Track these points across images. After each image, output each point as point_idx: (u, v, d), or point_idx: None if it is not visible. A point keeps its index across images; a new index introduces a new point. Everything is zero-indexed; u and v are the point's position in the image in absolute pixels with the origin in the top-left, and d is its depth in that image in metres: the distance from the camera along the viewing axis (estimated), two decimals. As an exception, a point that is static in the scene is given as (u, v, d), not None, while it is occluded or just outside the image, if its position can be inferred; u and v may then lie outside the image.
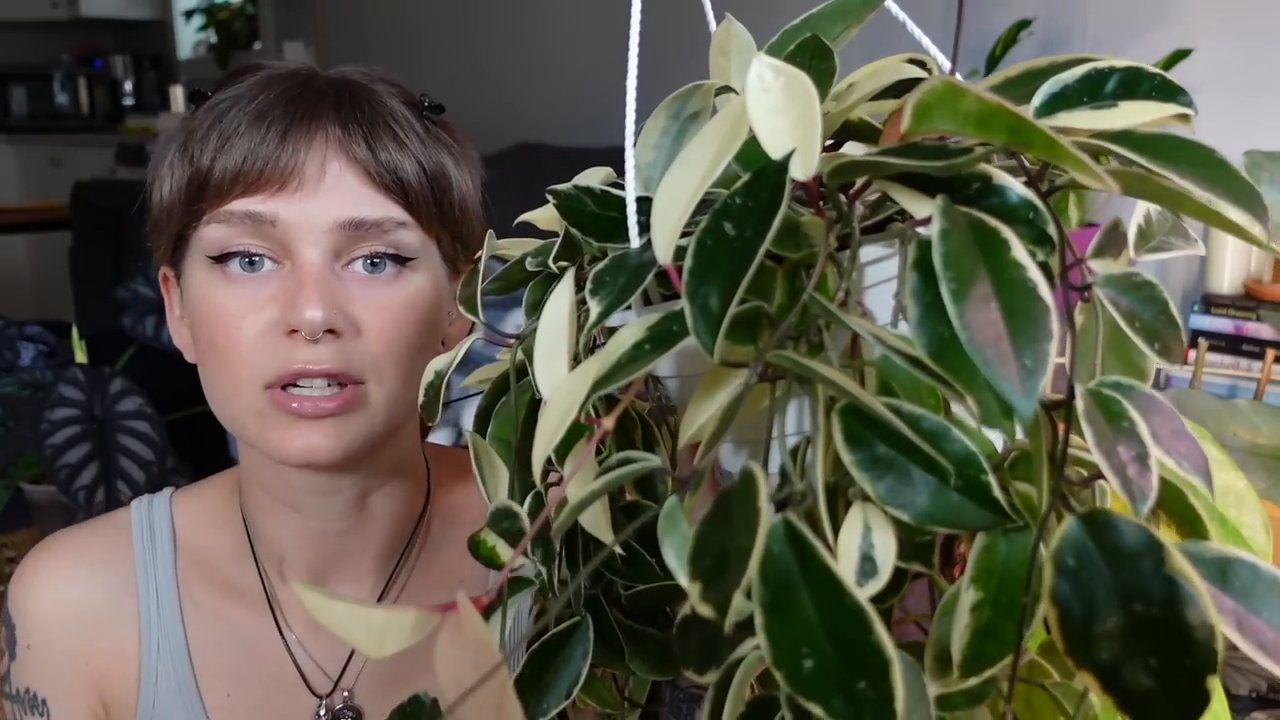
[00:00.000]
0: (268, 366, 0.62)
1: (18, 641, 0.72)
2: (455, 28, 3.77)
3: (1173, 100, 0.36)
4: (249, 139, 0.61)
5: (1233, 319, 1.77)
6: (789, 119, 0.33)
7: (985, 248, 0.31)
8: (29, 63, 5.87)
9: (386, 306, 0.64)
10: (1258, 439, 0.75)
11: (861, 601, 0.28)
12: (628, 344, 0.35)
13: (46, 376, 1.57)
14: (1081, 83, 0.36)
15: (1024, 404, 0.28)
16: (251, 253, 0.62)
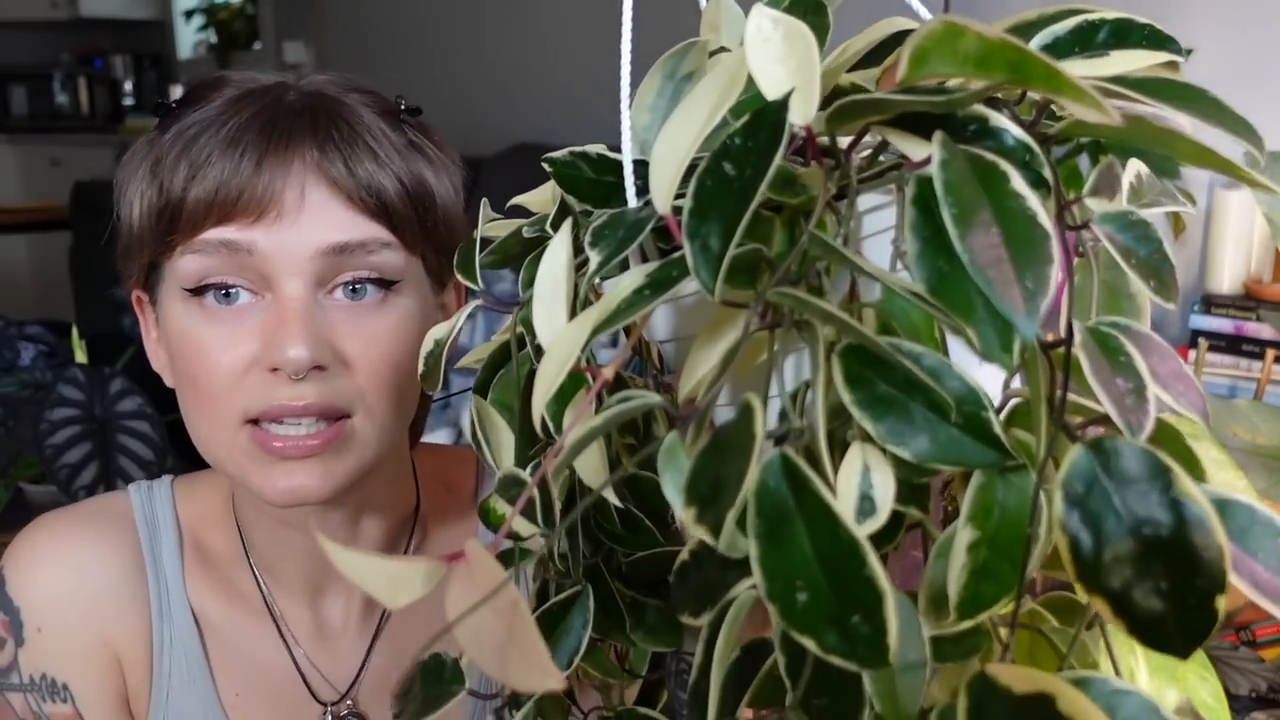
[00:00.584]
0: (249, 403, 0.59)
1: (25, 625, 0.68)
2: (455, 27, 3.77)
3: (1163, 48, 0.36)
4: (221, 166, 0.58)
5: (1233, 319, 1.77)
6: (789, 67, 0.34)
7: (985, 180, 0.31)
8: (29, 63, 5.87)
9: (373, 336, 0.61)
10: (1258, 439, 0.75)
11: (855, 534, 0.28)
12: (627, 290, 0.35)
13: (46, 376, 1.57)
14: (1073, 34, 0.36)
15: (1026, 325, 0.29)
16: (228, 284, 0.60)
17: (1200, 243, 1.94)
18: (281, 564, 0.71)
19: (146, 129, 0.66)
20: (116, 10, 5.68)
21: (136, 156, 0.64)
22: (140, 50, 6.04)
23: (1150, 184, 0.44)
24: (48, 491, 1.48)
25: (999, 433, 0.31)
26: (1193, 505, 0.28)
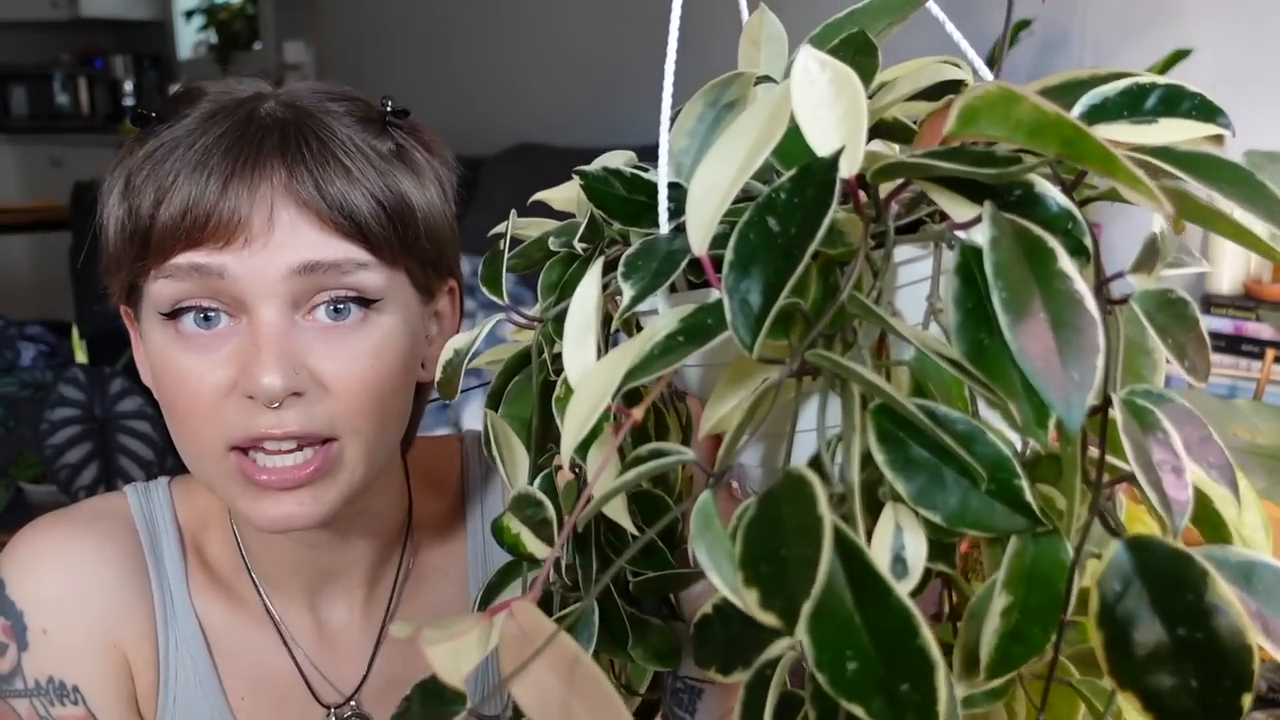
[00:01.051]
0: (230, 430, 0.58)
1: (29, 628, 0.66)
2: (455, 28, 3.77)
3: (1212, 120, 0.35)
4: (187, 190, 0.57)
5: (1233, 319, 1.77)
6: (835, 114, 0.33)
7: (1032, 257, 0.31)
8: (29, 63, 5.87)
9: (353, 358, 0.59)
10: (1258, 439, 0.75)
11: (907, 604, 0.28)
12: (661, 335, 0.34)
13: (46, 376, 1.57)
14: (1123, 96, 0.36)
15: (1073, 417, 0.29)
16: (205, 308, 0.58)
17: (1200, 243, 1.94)
18: (279, 572, 0.71)
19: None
20: (116, 10, 5.68)
21: (114, 172, 0.63)
22: (140, 50, 6.03)
23: (1171, 242, 0.44)
24: (48, 491, 1.48)
25: (1030, 500, 0.31)
26: (1227, 610, 0.28)
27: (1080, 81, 0.37)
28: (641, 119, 3.04)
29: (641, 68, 3.25)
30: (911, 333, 0.32)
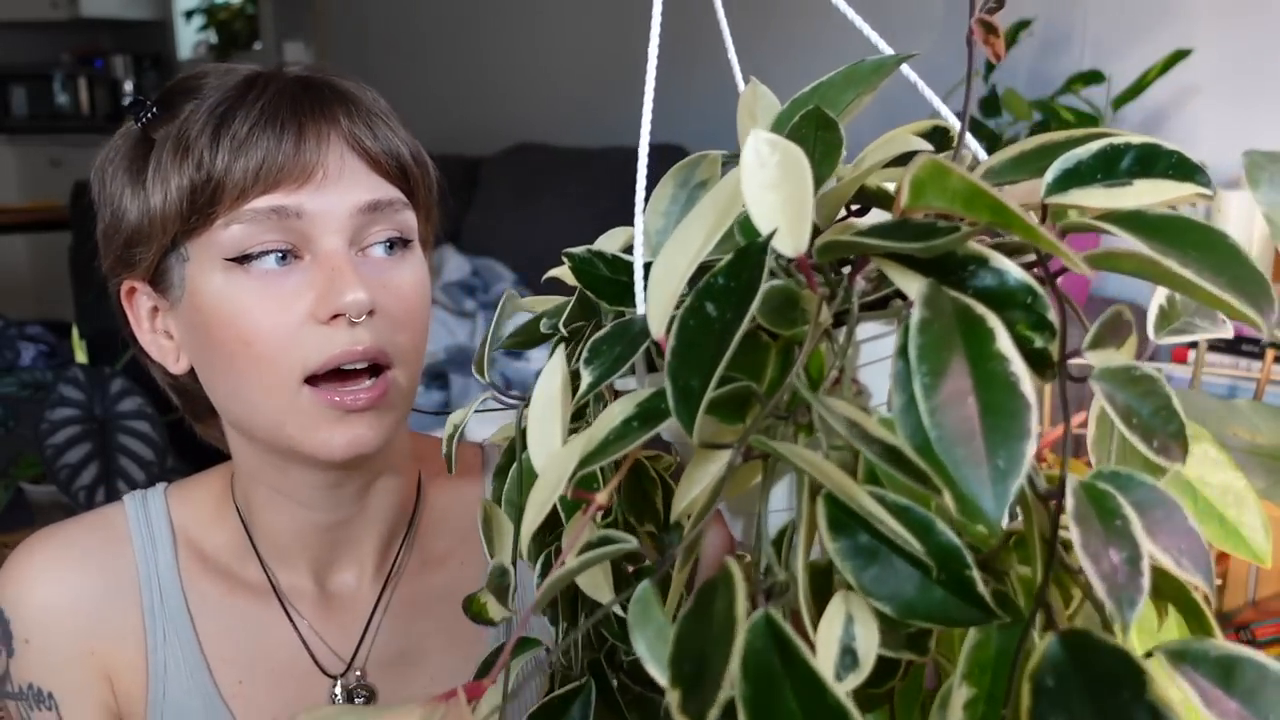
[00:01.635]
0: (310, 356, 0.62)
1: (14, 636, 0.71)
2: (455, 28, 3.77)
3: (1190, 180, 0.35)
4: (266, 139, 0.62)
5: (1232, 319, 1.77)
6: (782, 195, 0.33)
7: (969, 337, 0.30)
8: (29, 63, 5.87)
9: (402, 287, 0.66)
10: (1258, 439, 0.75)
11: (843, 700, 0.28)
12: (617, 420, 0.35)
13: (46, 376, 1.57)
14: (1096, 159, 0.35)
15: (994, 508, 0.27)
16: (282, 249, 0.63)
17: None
18: (291, 543, 0.73)
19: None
20: (116, 10, 5.68)
21: (120, 155, 0.68)
22: (140, 50, 6.03)
23: (1184, 306, 0.42)
24: (48, 491, 1.48)
25: (983, 592, 0.30)
26: (1165, 711, 0.27)
27: (1056, 144, 0.36)
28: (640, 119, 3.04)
29: (642, 68, 3.24)
30: (852, 415, 0.32)
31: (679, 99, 3.09)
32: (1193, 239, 0.33)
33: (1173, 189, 0.34)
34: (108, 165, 0.68)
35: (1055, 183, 0.35)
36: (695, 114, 2.94)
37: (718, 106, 3.00)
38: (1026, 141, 0.37)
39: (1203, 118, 1.92)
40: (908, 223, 0.33)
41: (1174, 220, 0.33)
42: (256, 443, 0.69)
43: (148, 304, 0.69)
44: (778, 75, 0.49)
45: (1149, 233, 0.33)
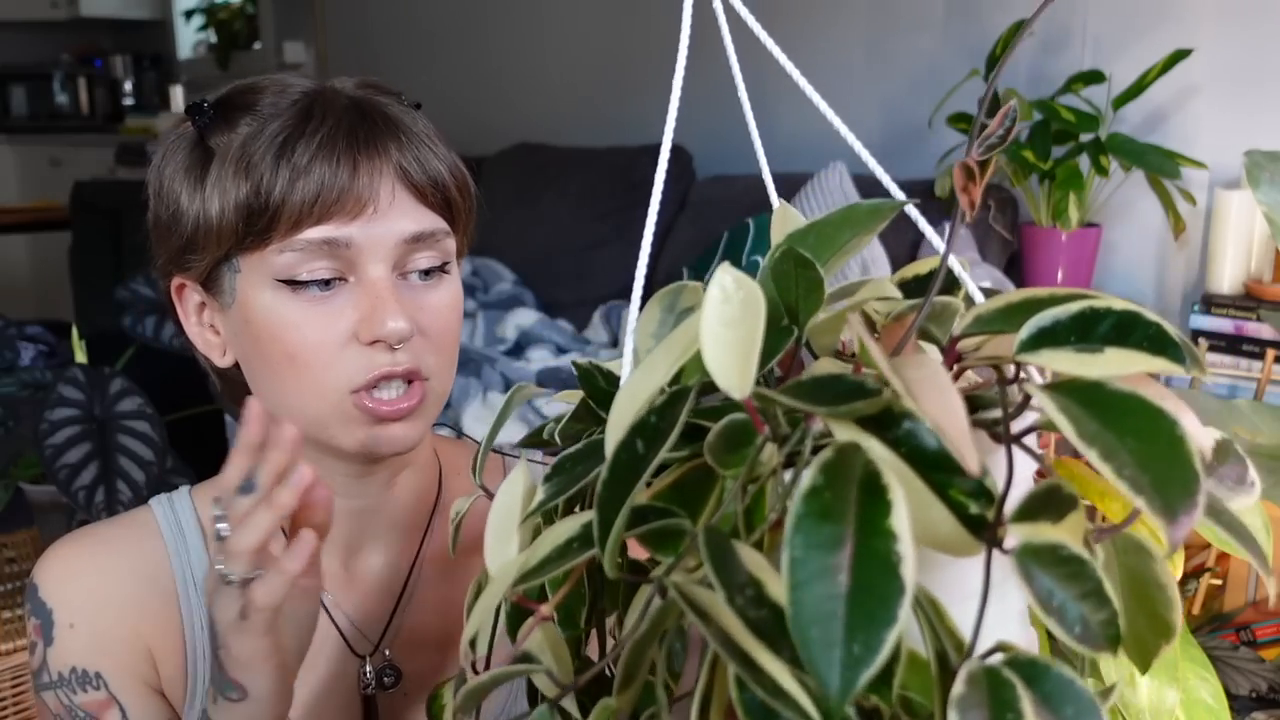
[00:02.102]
0: (353, 374, 0.67)
1: (56, 625, 0.73)
2: (455, 28, 3.76)
3: (1163, 354, 0.33)
4: (321, 171, 0.66)
5: (1233, 319, 1.77)
6: (738, 334, 0.33)
7: (865, 507, 0.29)
8: (29, 63, 5.86)
9: (439, 310, 0.71)
10: (1258, 439, 0.75)
11: None
12: (562, 538, 0.36)
13: (46, 376, 1.57)
14: (1075, 320, 0.34)
15: (838, 694, 0.26)
16: (327, 279, 0.67)
17: (1200, 243, 1.94)
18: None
19: (147, 129, 0.68)
20: (116, 10, 5.68)
21: (178, 155, 0.70)
22: (140, 50, 6.03)
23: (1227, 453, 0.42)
24: (47, 491, 1.48)
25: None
26: None
27: (1039, 300, 0.35)
28: (642, 119, 3.04)
29: (642, 68, 3.25)
30: (747, 571, 0.31)
31: (679, 99, 3.08)
32: (1137, 425, 0.31)
33: (1143, 362, 0.33)
34: (165, 163, 0.71)
35: (1028, 340, 0.34)
36: (695, 114, 2.94)
37: (718, 106, 3.00)
38: (1014, 294, 0.36)
39: (1203, 118, 1.92)
40: (839, 379, 0.33)
41: (1128, 400, 0.31)
42: None
43: (196, 299, 0.73)
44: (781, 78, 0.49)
45: (1097, 408, 0.31)
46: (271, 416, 0.59)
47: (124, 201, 3.30)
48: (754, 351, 0.33)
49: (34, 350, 1.81)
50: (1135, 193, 1.96)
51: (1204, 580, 1.31)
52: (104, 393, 1.47)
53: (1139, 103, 1.89)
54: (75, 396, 1.45)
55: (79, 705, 0.72)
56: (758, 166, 0.55)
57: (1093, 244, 1.94)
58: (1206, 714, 0.56)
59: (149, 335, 1.64)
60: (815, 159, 2.49)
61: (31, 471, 1.50)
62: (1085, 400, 0.31)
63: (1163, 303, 2.02)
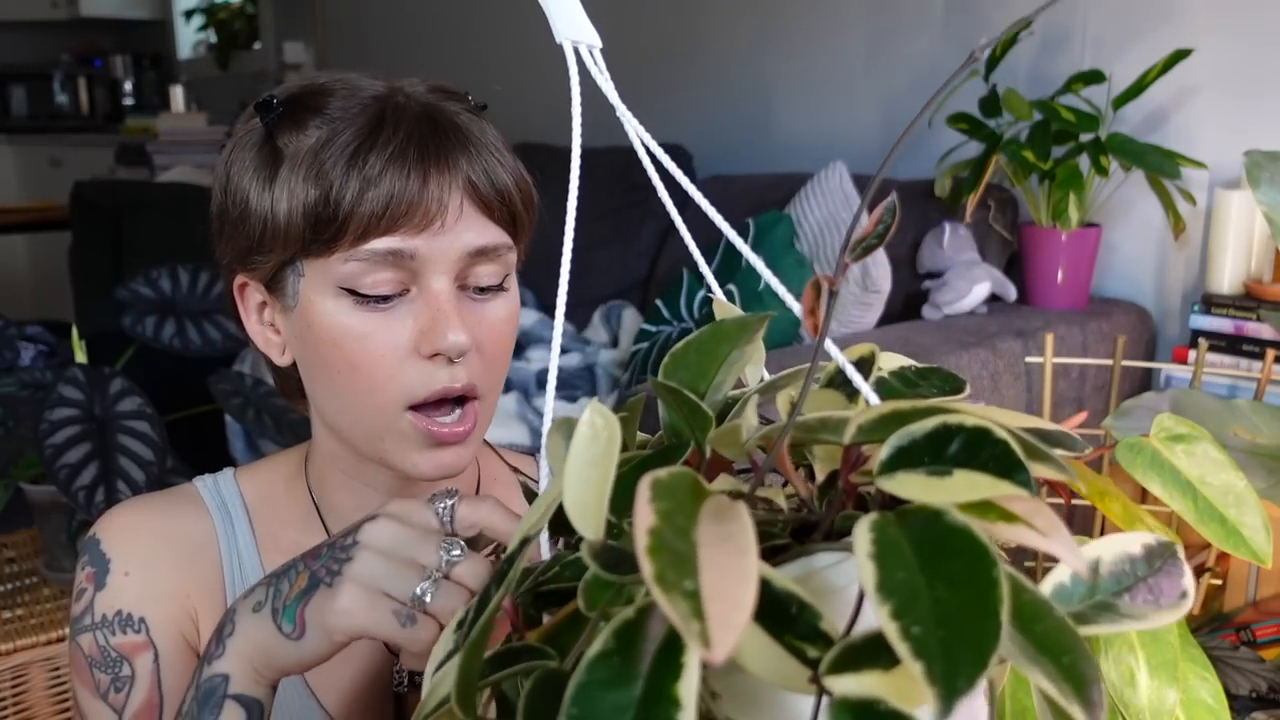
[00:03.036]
0: (414, 390, 0.67)
1: (112, 572, 0.75)
2: (455, 28, 3.76)
3: (1008, 478, 0.31)
4: (392, 182, 0.65)
5: (1233, 319, 1.77)
6: (598, 473, 0.33)
7: (656, 670, 0.28)
8: (29, 63, 5.87)
9: (496, 324, 0.71)
10: (1258, 439, 0.75)
11: None
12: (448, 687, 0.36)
13: (46, 376, 1.57)
14: (928, 439, 0.32)
15: None
16: (391, 291, 0.67)
17: (1200, 243, 1.94)
18: (353, 516, 0.78)
19: (147, 129, 0.68)
20: (116, 10, 5.68)
21: (247, 152, 0.70)
22: (140, 50, 6.03)
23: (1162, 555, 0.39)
24: (47, 491, 1.48)
25: None
26: None
27: (903, 413, 0.34)
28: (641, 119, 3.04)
29: (642, 68, 3.25)
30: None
31: (679, 99, 3.10)
32: (955, 569, 0.28)
33: (987, 486, 0.31)
34: (234, 158, 0.71)
35: (888, 462, 0.33)
36: (695, 114, 2.94)
37: (718, 107, 3.01)
38: (883, 406, 0.34)
39: (1203, 118, 1.92)
40: (608, 548, 0.32)
41: (958, 538, 0.29)
42: (344, 441, 0.73)
43: (258, 298, 0.74)
44: (781, 78, 0.49)
45: (925, 548, 0.29)
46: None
47: (124, 201, 3.30)
48: (605, 495, 0.32)
49: (34, 350, 1.81)
50: (1135, 193, 1.96)
51: (1204, 580, 1.31)
52: (104, 393, 1.47)
53: (1139, 103, 1.89)
54: (75, 396, 1.45)
55: (114, 646, 0.73)
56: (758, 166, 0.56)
57: (1093, 244, 1.94)
58: (1206, 714, 0.56)
59: (149, 335, 1.64)
60: (815, 159, 2.49)
61: (31, 471, 1.50)
62: (919, 534, 0.29)
63: (1163, 303, 2.02)
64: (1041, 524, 0.30)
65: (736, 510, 0.30)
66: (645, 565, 0.27)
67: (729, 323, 0.42)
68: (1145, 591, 0.38)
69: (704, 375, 0.42)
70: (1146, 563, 0.38)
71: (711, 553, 0.28)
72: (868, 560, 0.28)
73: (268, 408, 1.66)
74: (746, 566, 0.27)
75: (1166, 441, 0.60)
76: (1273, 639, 1.19)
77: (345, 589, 0.56)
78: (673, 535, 0.29)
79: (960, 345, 1.71)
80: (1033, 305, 1.97)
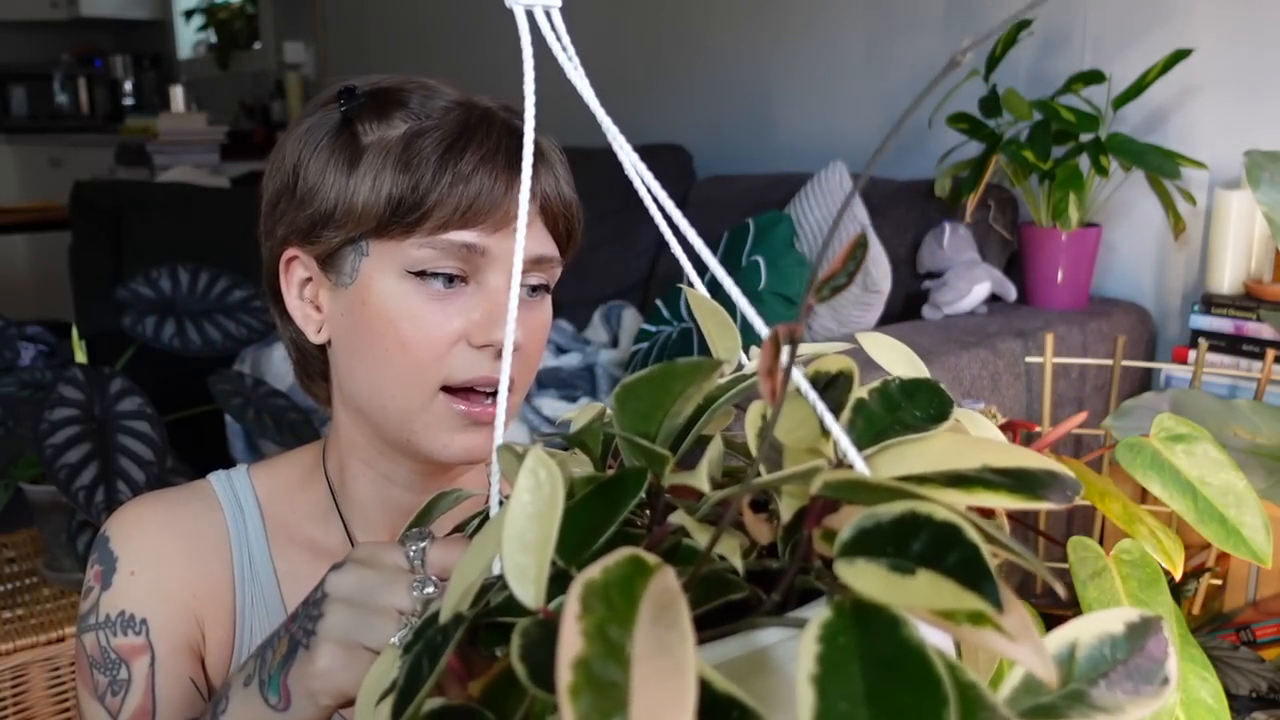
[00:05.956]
0: (455, 373, 0.70)
1: (119, 571, 0.76)
2: (454, 28, 3.76)
3: (975, 590, 0.28)
4: (481, 181, 0.69)
5: (1233, 319, 1.77)
6: (540, 533, 0.32)
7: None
8: (29, 63, 5.86)
9: (536, 328, 0.75)
10: (1258, 439, 0.75)
11: None
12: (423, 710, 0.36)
13: (46, 376, 1.57)
14: (894, 527, 0.30)
15: None
16: (453, 275, 0.71)
17: (1200, 243, 1.94)
18: (377, 515, 0.80)
19: (147, 129, 0.69)
20: (116, 10, 5.68)
21: (319, 135, 0.72)
22: (140, 50, 6.03)
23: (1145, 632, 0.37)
24: (47, 491, 1.47)
25: None
26: None
27: (868, 488, 0.32)
28: (642, 119, 3.04)
29: (640, 68, 3.25)
30: None
31: (679, 99, 3.09)
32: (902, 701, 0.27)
33: (952, 597, 0.28)
34: (308, 139, 0.73)
35: (849, 544, 0.31)
36: (695, 114, 2.94)
37: (718, 107, 3.01)
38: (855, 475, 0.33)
39: (1203, 118, 1.92)
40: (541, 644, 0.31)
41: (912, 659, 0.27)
42: (369, 425, 0.75)
43: (302, 274, 0.75)
44: (781, 78, 0.49)
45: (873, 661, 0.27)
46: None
47: (124, 201, 3.29)
48: (545, 559, 0.32)
49: (34, 350, 1.81)
50: (1135, 193, 1.96)
51: (1204, 580, 1.31)
52: (104, 393, 1.47)
53: (1139, 103, 1.89)
54: (75, 396, 1.45)
55: (114, 647, 0.74)
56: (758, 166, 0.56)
57: (1093, 244, 1.94)
58: (1206, 714, 0.56)
59: (149, 335, 1.64)
60: (815, 159, 2.49)
61: (31, 471, 1.49)
62: (872, 647, 0.28)
63: (1163, 303, 2.02)
64: (1011, 626, 0.28)
65: (677, 612, 0.28)
66: (565, 710, 0.25)
67: (683, 365, 0.41)
68: (1123, 678, 0.36)
69: (659, 407, 0.41)
70: (1128, 642, 0.36)
71: (646, 671, 0.26)
72: (808, 685, 0.26)
73: (268, 408, 1.66)
74: (683, 690, 0.25)
75: (1166, 441, 0.60)
76: (1273, 639, 1.19)
77: (321, 649, 0.54)
78: (602, 661, 0.27)
79: (960, 345, 1.71)
80: (1033, 305, 1.97)
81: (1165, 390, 0.93)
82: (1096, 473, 0.63)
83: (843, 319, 1.99)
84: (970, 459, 0.36)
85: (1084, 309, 1.94)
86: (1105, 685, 0.36)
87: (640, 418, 0.41)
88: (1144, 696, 0.35)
